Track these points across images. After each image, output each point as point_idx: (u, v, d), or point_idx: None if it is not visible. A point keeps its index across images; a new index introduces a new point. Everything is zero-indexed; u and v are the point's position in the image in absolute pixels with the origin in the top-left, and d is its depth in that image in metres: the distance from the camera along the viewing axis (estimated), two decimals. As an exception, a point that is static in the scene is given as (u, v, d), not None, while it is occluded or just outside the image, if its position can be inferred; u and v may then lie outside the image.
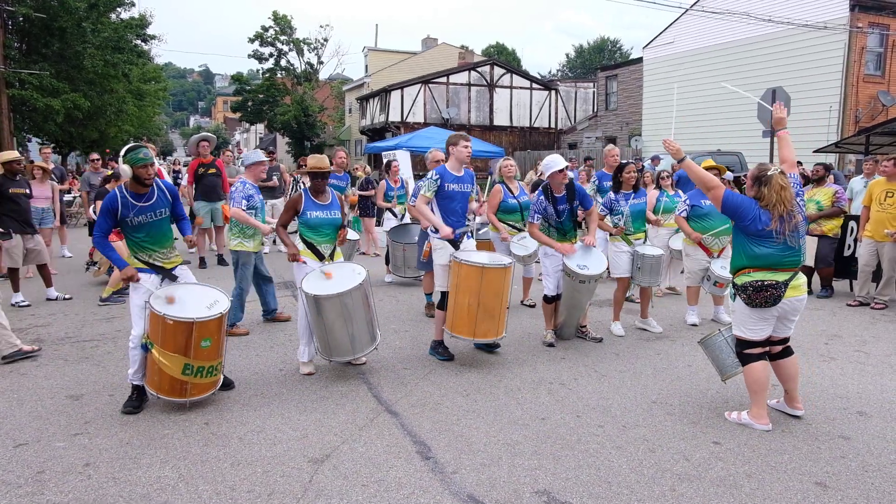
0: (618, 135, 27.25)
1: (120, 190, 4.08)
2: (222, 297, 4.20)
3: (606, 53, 59.40)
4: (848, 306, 7.22)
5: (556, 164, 5.37)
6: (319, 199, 4.81)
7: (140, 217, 4.07)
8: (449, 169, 5.16)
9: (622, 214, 5.96)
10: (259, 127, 54.29)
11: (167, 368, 3.93)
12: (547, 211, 5.44)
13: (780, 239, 3.70)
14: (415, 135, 19.37)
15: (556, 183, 5.41)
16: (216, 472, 3.33)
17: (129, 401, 4.14)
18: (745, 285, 3.77)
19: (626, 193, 5.99)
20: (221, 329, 4.10)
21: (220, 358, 4.15)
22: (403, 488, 3.18)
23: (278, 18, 38.89)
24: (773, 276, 3.73)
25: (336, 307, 4.48)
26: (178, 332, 3.91)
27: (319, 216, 4.76)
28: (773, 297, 3.71)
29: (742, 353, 3.95)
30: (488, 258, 5.05)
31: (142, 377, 4.15)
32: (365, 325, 4.68)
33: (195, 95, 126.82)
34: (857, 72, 17.85)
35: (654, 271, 6.05)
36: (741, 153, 17.63)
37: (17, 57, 18.96)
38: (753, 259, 3.77)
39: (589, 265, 5.30)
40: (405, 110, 29.52)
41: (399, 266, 8.16)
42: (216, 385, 4.23)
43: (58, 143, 23.83)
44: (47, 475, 3.28)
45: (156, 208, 4.15)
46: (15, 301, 6.97)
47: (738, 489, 3.17)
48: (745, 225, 3.76)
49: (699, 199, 6.23)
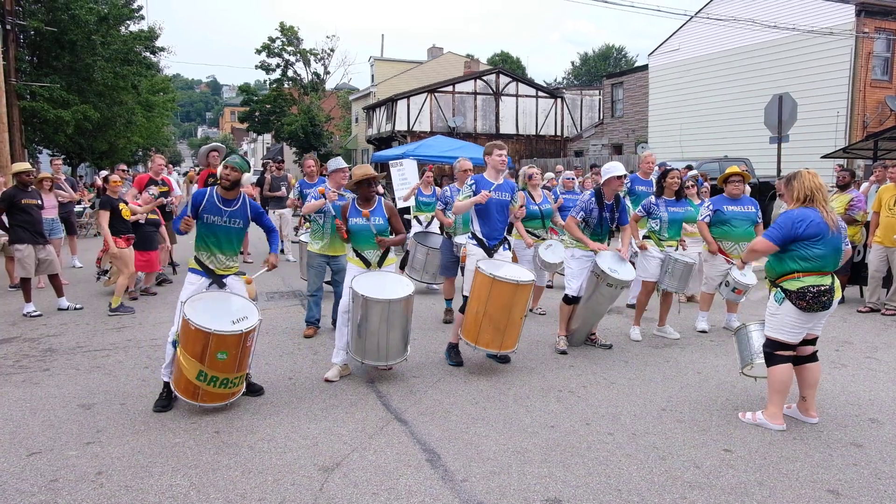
0: (624, 142, 27.25)
1: (212, 189, 4.37)
2: (255, 314, 4.23)
3: (612, 61, 59.48)
4: (858, 312, 7.18)
5: (616, 170, 5.38)
6: (363, 207, 4.91)
7: (215, 217, 4.32)
8: (486, 177, 5.19)
9: (660, 220, 5.96)
10: (266, 137, 54.66)
11: (185, 370, 4.03)
12: (592, 213, 5.47)
13: (832, 234, 3.74)
14: (421, 143, 19.41)
15: (611, 189, 5.44)
16: (227, 480, 3.34)
17: (160, 399, 4.31)
18: (803, 291, 3.75)
19: (667, 200, 6.00)
20: (241, 345, 4.09)
21: (237, 372, 4.16)
22: (413, 496, 3.18)
23: (285, 29, 39.22)
24: (822, 280, 3.77)
25: (383, 312, 4.58)
26: (197, 340, 3.98)
27: (358, 222, 4.88)
28: (829, 301, 3.77)
29: (772, 353, 3.95)
30: (506, 271, 5.01)
31: (171, 373, 4.27)
32: (401, 336, 4.78)
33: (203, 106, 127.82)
34: (865, 77, 17.79)
35: (683, 278, 6.01)
36: (748, 159, 17.57)
37: (28, 70, 19.21)
38: (805, 261, 3.77)
39: (620, 271, 5.32)
40: (411, 119, 29.63)
41: (418, 269, 8.16)
42: (231, 397, 4.25)
43: (68, 155, 24.07)
44: (60, 483, 3.31)
45: (233, 216, 4.38)
46: (27, 311, 7.03)
47: (750, 497, 3.16)
48: (800, 233, 3.75)
49: (722, 205, 6.21)
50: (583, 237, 5.46)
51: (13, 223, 7.14)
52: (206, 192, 4.35)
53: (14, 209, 7.11)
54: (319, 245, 6.12)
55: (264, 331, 6.35)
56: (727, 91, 20.71)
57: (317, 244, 6.15)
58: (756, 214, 6.22)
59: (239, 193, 4.43)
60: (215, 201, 4.35)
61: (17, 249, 7.15)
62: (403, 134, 29.02)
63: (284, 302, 7.61)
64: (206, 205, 4.32)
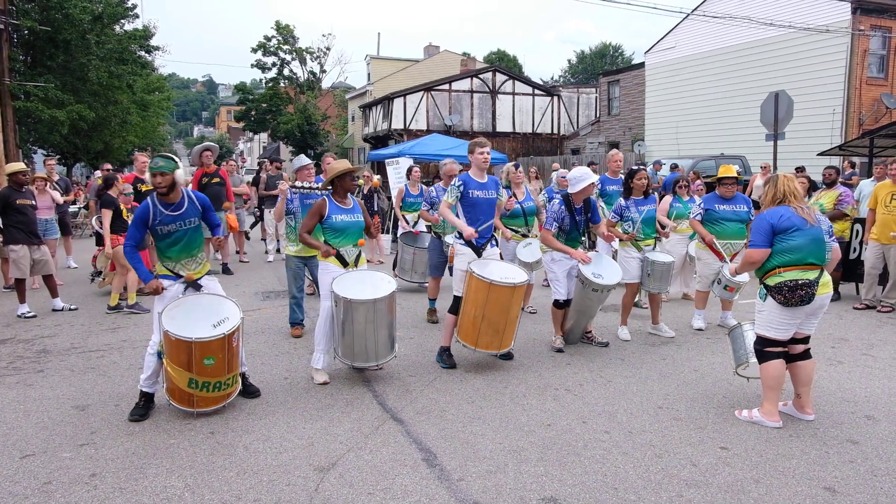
0: (620, 140, 27.25)
1: (151, 199, 4.18)
2: (236, 314, 4.17)
3: (608, 59, 59.48)
4: (854, 309, 7.19)
5: (587, 178, 5.31)
6: (343, 203, 4.80)
7: (170, 226, 4.18)
8: (472, 176, 5.17)
9: (633, 221, 5.95)
10: (262, 136, 54.55)
11: (175, 379, 3.99)
12: (564, 220, 5.45)
13: (806, 228, 3.79)
14: (418, 142, 19.38)
15: (582, 195, 5.41)
16: (222, 481, 3.32)
17: (136, 408, 4.18)
18: (780, 286, 3.78)
19: (636, 199, 5.99)
20: (227, 348, 4.06)
21: (228, 374, 4.12)
22: (409, 496, 3.17)
23: (281, 28, 39.11)
24: (803, 274, 3.77)
25: (368, 313, 4.53)
26: (181, 349, 3.94)
27: (344, 219, 4.76)
28: (807, 296, 3.75)
29: (762, 350, 3.96)
30: (501, 273, 5.01)
31: (152, 384, 4.21)
32: (387, 334, 4.74)
33: (199, 105, 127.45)
34: (860, 74, 17.82)
35: (663, 278, 6.03)
36: (744, 157, 17.61)
37: (22, 70, 19.10)
38: (783, 255, 3.81)
39: (604, 275, 5.29)
40: (408, 118, 29.58)
41: (406, 270, 8.17)
42: (227, 398, 4.22)
43: (63, 155, 23.97)
44: (54, 486, 3.29)
45: (185, 217, 4.25)
46: (21, 312, 7.00)
47: (746, 494, 3.15)
48: (776, 226, 3.84)
49: (713, 204, 6.22)
50: (564, 248, 5.40)
51: (8, 223, 7.10)
52: (147, 207, 4.13)
53: (9, 209, 7.07)
54: (296, 248, 6.05)
55: (259, 330, 6.34)
56: (723, 88, 20.72)
57: (293, 246, 6.08)
58: (749, 213, 6.22)
59: (181, 193, 4.24)
60: (162, 210, 4.15)
61: (12, 250, 7.11)
62: (400, 132, 28.98)
63: (280, 301, 7.59)
64: (153, 218, 4.13)
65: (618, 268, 5.56)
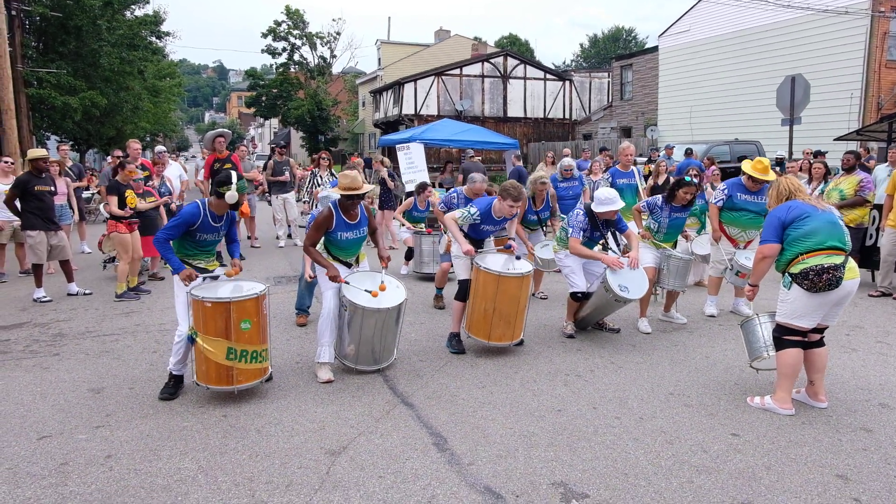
0: (633, 125, 26.98)
1: (204, 207, 4.29)
2: (259, 286, 4.26)
3: (621, 43, 58.75)
4: (870, 297, 7.11)
5: (613, 204, 5.27)
6: (350, 218, 4.67)
7: (209, 235, 4.37)
8: (492, 213, 5.20)
9: (659, 224, 5.88)
10: (273, 121, 54.58)
11: (212, 355, 4.00)
12: (588, 231, 5.46)
13: (817, 213, 3.82)
14: (428, 127, 19.28)
15: (602, 216, 5.38)
16: (235, 463, 3.36)
17: (166, 387, 4.30)
18: (805, 271, 3.74)
19: (674, 206, 5.82)
20: (260, 312, 4.15)
21: (263, 344, 4.20)
22: (420, 479, 3.19)
23: (291, 13, 38.98)
24: (828, 258, 3.72)
25: (379, 321, 4.52)
26: (218, 315, 3.99)
27: (349, 237, 4.69)
28: (834, 279, 3.70)
29: (780, 338, 3.93)
30: (504, 265, 5.02)
31: (182, 367, 4.30)
32: (393, 340, 4.76)
33: (210, 91, 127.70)
34: (880, 58, 17.46)
35: (681, 275, 5.90)
36: (759, 142, 17.38)
37: (34, 56, 19.18)
38: (802, 241, 3.79)
39: (630, 287, 5.13)
40: (418, 103, 29.46)
41: (427, 262, 8.14)
42: (264, 373, 4.27)
43: (76, 141, 24.12)
44: (70, 467, 3.34)
45: (222, 230, 4.47)
46: (37, 297, 7.09)
47: (758, 481, 3.14)
48: (786, 219, 3.88)
49: (736, 192, 6.07)
50: (593, 254, 5.38)
51: (26, 209, 7.16)
52: (198, 212, 4.27)
53: (27, 195, 7.13)
54: None
55: (271, 315, 6.36)
56: (738, 72, 20.41)
57: None
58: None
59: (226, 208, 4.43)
60: (210, 221, 4.32)
61: (30, 235, 7.18)
62: (411, 117, 28.88)
63: (292, 287, 7.62)
64: (201, 224, 4.29)
65: (645, 281, 5.36)
